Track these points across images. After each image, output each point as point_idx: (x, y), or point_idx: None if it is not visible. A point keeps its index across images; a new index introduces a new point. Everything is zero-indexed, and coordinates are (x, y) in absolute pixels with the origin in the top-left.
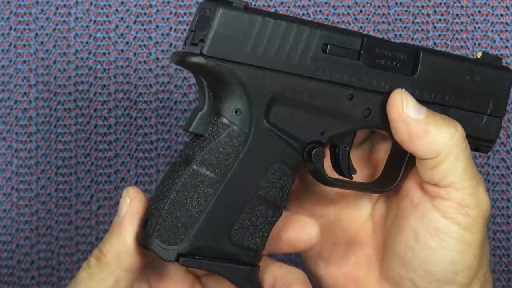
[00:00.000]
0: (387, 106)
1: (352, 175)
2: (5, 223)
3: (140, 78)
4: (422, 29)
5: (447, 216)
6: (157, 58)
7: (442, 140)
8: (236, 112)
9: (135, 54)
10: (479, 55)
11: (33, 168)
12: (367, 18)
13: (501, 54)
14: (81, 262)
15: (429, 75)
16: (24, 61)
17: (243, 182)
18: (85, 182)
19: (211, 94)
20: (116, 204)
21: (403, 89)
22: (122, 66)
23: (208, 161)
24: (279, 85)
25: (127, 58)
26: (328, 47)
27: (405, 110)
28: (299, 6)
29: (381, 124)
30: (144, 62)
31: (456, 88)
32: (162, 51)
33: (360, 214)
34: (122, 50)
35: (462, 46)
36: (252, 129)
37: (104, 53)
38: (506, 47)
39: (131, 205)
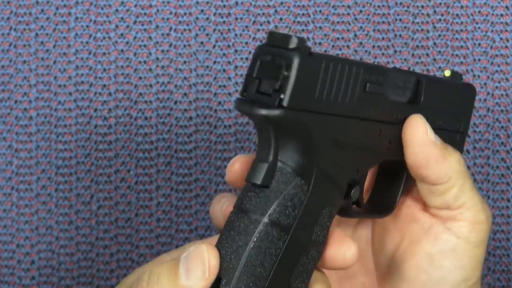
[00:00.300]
0: (408, 132)
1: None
2: (5, 223)
3: (140, 78)
4: (422, 29)
5: (461, 236)
6: (157, 58)
7: (454, 165)
8: (302, 161)
9: (135, 54)
10: (447, 73)
11: (33, 168)
12: (367, 18)
13: (501, 54)
14: (81, 262)
15: (430, 102)
16: (24, 61)
17: (303, 231)
18: (85, 182)
19: (277, 144)
20: (116, 204)
21: (420, 115)
22: (122, 66)
23: (277, 214)
24: (336, 129)
25: (127, 58)
26: (368, 85)
27: (429, 135)
28: (299, 6)
29: (398, 152)
30: (144, 62)
31: (444, 110)
32: (162, 51)
33: None
34: (122, 50)
35: (462, 46)
36: (313, 177)
37: (104, 53)
38: (506, 47)
39: (209, 279)
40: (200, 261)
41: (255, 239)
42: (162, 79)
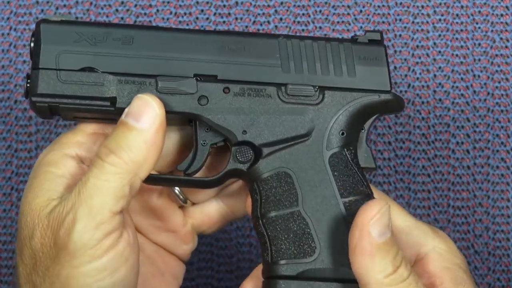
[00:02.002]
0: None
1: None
2: (5, 223)
3: None
4: (422, 29)
5: None
6: None
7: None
8: None
9: None
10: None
11: None
12: (367, 18)
13: (501, 54)
14: None
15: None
16: (24, 61)
17: None
18: None
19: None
20: None
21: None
22: None
23: None
24: None
25: None
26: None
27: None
28: (299, 6)
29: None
30: None
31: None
32: None
33: None
34: None
35: (462, 46)
36: None
37: None
38: (506, 47)
39: (159, 118)
40: (144, 103)
41: None
42: None
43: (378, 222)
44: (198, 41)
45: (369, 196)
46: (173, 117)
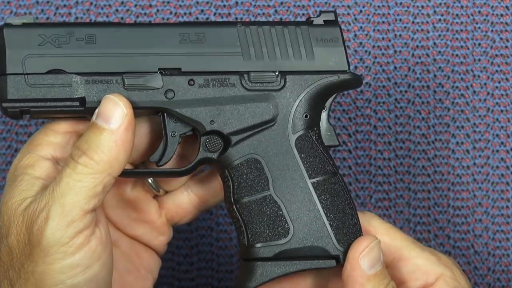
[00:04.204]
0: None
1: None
2: None
3: None
4: (422, 29)
5: None
6: None
7: None
8: None
9: None
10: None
11: None
12: (367, 18)
13: (501, 54)
14: None
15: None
16: None
17: None
18: None
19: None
20: None
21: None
22: None
23: None
24: None
25: None
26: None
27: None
28: (299, 6)
29: None
30: None
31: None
32: None
33: None
34: None
35: (462, 46)
36: None
37: None
38: (506, 47)
39: (127, 117)
40: (112, 104)
41: None
42: None
43: (367, 255)
44: (159, 35)
45: (336, 175)
46: (141, 111)
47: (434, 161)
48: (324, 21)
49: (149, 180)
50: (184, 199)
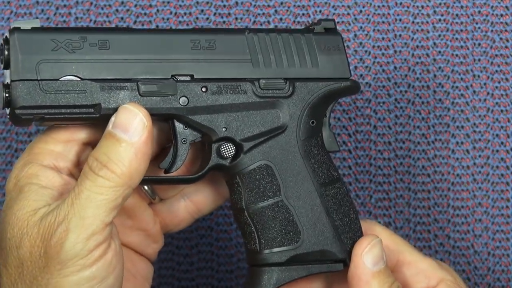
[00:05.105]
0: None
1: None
2: None
3: None
4: (422, 29)
5: None
6: None
7: None
8: None
9: None
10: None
11: None
12: (367, 18)
13: (501, 54)
14: None
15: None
16: None
17: None
18: None
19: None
20: None
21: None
22: None
23: None
24: None
25: None
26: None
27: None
28: (299, 6)
29: None
30: None
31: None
32: None
33: None
34: None
35: (462, 46)
36: None
37: None
38: (506, 47)
39: (148, 128)
40: (132, 114)
41: None
42: None
43: (370, 252)
44: (172, 41)
45: (339, 180)
46: (152, 118)
47: (434, 161)
48: (324, 29)
49: (145, 187)
50: (180, 206)
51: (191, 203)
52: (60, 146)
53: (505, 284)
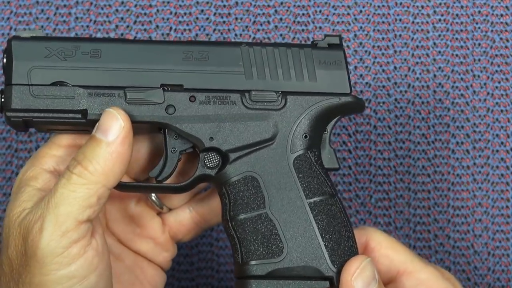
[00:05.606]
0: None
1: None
2: None
3: None
4: (422, 29)
5: None
6: None
7: None
8: None
9: None
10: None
11: None
12: (367, 18)
13: (501, 54)
14: None
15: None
16: None
17: None
18: None
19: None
20: None
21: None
22: None
23: None
24: None
25: None
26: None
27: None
28: (299, 6)
29: None
30: None
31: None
32: None
33: None
34: None
35: (462, 46)
36: None
37: None
38: (506, 47)
39: (124, 129)
40: (111, 116)
41: None
42: None
43: (360, 276)
44: (163, 52)
45: (334, 196)
46: (143, 126)
47: (434, 161)
48: (328, 44)
49: (152, 197)
50: (186, 216)
51: (196, 214)
52: (61, 150)
53: (505, 284)
